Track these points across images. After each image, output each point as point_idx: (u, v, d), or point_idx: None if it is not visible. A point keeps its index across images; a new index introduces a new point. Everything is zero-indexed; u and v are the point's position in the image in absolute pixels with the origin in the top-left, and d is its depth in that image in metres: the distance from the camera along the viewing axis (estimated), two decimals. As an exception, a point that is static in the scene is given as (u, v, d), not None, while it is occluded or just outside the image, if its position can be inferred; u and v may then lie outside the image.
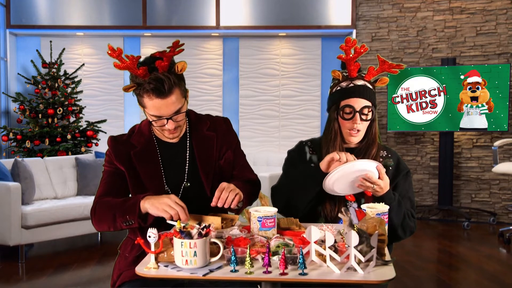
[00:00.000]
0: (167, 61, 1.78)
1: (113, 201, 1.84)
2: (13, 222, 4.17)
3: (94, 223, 1.88)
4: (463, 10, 6.04)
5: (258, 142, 6.83)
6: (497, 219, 5.85)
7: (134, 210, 1.74)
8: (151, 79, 1.76)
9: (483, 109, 5.66)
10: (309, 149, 2.15)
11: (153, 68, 1.78)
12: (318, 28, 6.46)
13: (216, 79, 6.85)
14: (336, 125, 2.06)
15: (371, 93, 2.04)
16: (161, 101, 1.78)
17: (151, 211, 1.71)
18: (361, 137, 2.06)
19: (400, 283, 3.70)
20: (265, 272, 1.41)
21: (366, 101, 2.02)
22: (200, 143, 1.97)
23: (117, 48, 1.77)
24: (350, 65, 2.03)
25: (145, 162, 1.92)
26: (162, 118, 1.83)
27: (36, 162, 4.88)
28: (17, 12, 6.43)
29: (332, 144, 2.06)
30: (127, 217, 1.75)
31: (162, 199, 1.70)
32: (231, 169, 2.03)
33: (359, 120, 2.01)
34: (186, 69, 1.83)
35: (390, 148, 2.17)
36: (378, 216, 1.65)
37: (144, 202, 1.73)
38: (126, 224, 1.77)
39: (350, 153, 2.03)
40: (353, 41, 1.99)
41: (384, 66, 2.03)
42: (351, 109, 2.01)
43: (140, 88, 1.79)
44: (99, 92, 6.80)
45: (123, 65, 1.78)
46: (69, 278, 3.90)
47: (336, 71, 2.09)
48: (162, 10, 6.55)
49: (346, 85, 2.04)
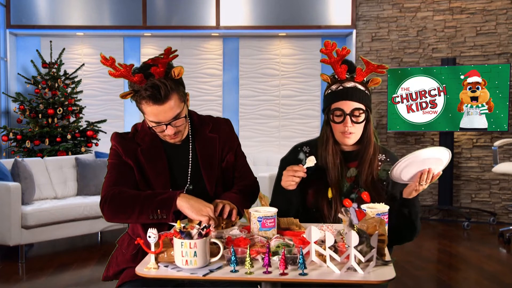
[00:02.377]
0: (163, 67, 1.77)
1: (137, 192, 1.81)
2: (13, 222, 4.17)
3: (106, 212, 1.82)
4: (463, 10, 6.04)
5: (258, 142, 6.83)
6: (497, 219, 5.85)
7: (170, 205, 1.72)
8: (148, 85, 1.75)
9: (483, 109, 5.66)
10: (304, 155, 2.12)
11: (149, 74, 1.77)
12: (318, 28, 6.46)
13: (216, 79, 6.85)
14: (328, 129, 2.05)
15: (362, 94, 2.00)
16: (159, 107, 1.78)
17: (188, 211, 1.71)
18: (355, 139, 2.03)
19: (400, 283, 3.70)
20: (265, 272, 1.41)
21: (357, 103, 1.98)
22: (203, 146, 1.98)
23: (110, 57, 1.77)
24: (337, 68, 2.00)
25: (152, 161, 1.92)
26: (161, 124, 1.82)
27: (36, 162, 4.88)
28: (17, 12, 6.43)
29: (324, 147, 2.05)
30: (159, 211, 1.73)
31: (205, 208, 1.72)
32: (232, 171, 2.04)
33: (349, 123, 1.98)
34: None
35: (388, 150, 2.15)
36: (378, 216, 1.65)
37: (182, 200, 1.72)
38: (156, 217, 1.74)
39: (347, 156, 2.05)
40: (332, 44, 1.96)
41: (370, 67, 1.99)
42: (341, 112, 1.98)
43: (137, 95, 1.78)
44: (99, 92, 6.80)
45: (118, 73, 1.78)
46: (69, 278, 3.90)
47: (324, 75, 2.08)
48: (162, 10, 6.54)
49: (335, 88, 2.02)
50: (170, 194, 1.76)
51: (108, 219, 1.85)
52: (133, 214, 1.77)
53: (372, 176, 2.03)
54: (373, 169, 2.04)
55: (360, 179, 2.04)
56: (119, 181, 1.87)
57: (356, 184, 2.04)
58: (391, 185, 2.05)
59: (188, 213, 1.71)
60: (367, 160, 2.03)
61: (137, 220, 1.79)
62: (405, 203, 1.95)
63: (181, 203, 1.72)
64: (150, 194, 1.79)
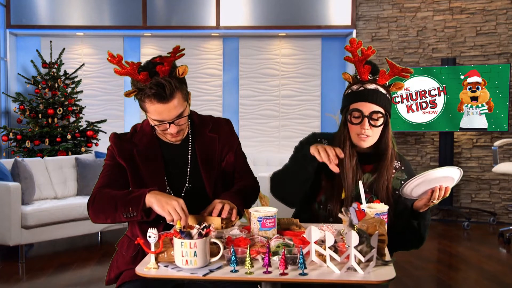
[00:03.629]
0: (168, 66, 1.78)
1: (116, 192, 1.80)
2: (13, 222, 4.17)
3: (91, 213, 1.83)
4: (463, 10, 6.04)
5: (258, 142, 6.83)
6: (497, 219, 5.85)
7: (138, 202, 1.70)
8: (152, 84, 1.75)
9: (483, 109, 5.66)
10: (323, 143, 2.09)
11: (154, 73, 1.78)
12: (318, 28, 6.46)
13: (216, 79, 6.85)
14: (345, 129, 2.01)
15: (382, 98, 1.96)
16: (163, 105, 1.78)
17: (155, 207, 1.68)
18: (371, 142, 1.99)
19: (400, 283, 3.70)
20: (265, 272, 1.41)
21: (376, 106, 1.94)
22: (202, 145, 1.97)
23: (117, 55, 1.77)
24: (360, 68, 1.96)
25: (148, 161, 1.91)
26: (164, 123, 1.82)
27: (36, 162, 4.88)
28: (17, 12, 6.43)
29: (342, 147, 1.98)
30: (130, 209, 1.71)
31: (170, 200, 1.67)
32: (232, 171, 2.03)
33: (367, 125, 1.94)
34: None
35: (403, 158, 2.12)
36: (377, 216, 1.65)
37: (151, 196, 1.70)
38: (127, 216, 1.73)
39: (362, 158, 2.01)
40: (358, 43, 1.91)
41: (394, 70, 1.95)
42: (359, 114, 1.95)
43: (141, 93, 1.78)
44: (99, 92, 6.80)
45: (124, 71, 1.78)
46: (69, 278, 3.90)
47: (346, 73, 2.04)
48: (162, 10, 6.54)
49: (356, 88, 1.98)
50: (140, 192, 1.73)
51: (92, 220, 1.85)
52: (110, 213, 1.76)
53: (387, 184, 2.01)
54: (389, 176, 2.02)
55: (374, 186, 2.01)
56: (108, 183, 1.87)
57: (369, 189, 2.02)
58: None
59: (155, 208, 1.68)
60: (384, 166, 2.00)
61: (114, 219, 1.77)
62: (415, 215, 1.92)
63: (150, 199, 1.69)
64: (125, 193, 1.78)
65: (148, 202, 1.70)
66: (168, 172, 1.93)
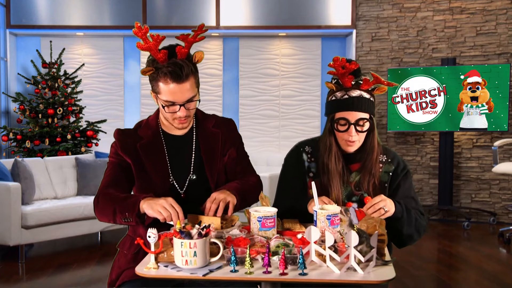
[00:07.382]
0: (188, 48, 1.82)
1: (116, 195, 1.84)
2: (13, 222, 4.17)
3: (96, 213, 1.90)
4: (463, 10, 6.04)
5: (258, 142, 6.83)
6: (497, 219, 5.85)
7: (133, 209, 1.75)
8: (170, 63, 1.80)
9: (483, 109, 5.66)
10: (307, 156, 2.12)
11: (172, 54, 1.82)
12: (318, 28, 6.46)
13: (216, 79, 6.85)
14: (331, 136, 2.03)
15: (367, 103, 1.97)
16: (177, 86, 1.80)
17: (147, 211, 1.72)
18: (358, 146, 2.03)
19: (400, 283, 3.70)
20: (265, 272, 1.41)
21: (362, 113, 1.96)
22: (205, 138, 2.00)
23: (144, 26, 1.80)
24: (343, 78, 1.98)
25: (151, 154, 1.94)
26: (175, 104, 1.84)
27: (36, 162, 4.88)
28: (17, 12, 6.43)
29: (327, 155, 2.03)
30: (126, 214, 1.76)
31: (158, 201, 1.71)
32: (234, 166, 2.04)
33: (354, 132, 1.97)
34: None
35: (389, 149, 2.14)
36: (328, 218, 1.67)
37: (143, 202, 1.73)
38: (125, 220, 1.79)
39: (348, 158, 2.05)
40: (341, 60, 1.94)
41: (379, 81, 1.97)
42: (345, 121, 1.97)
43: (158, 71, 1.81)
44: (99, 92, 6.80)
45: (146, 45, 1.81)
46: (69, 278, 3.90)
47: (328, 83, 2.06)
48: (162, 10, 6.55)
49: (340, 96, 1.99)
50: (135, 198, 1.78)
51: (99, 219, 1.92)
52: (111, 216, 1.83)
53: (374, 180, 2.04)
54: (375, 173, 2.04)
55: (362, 184, 2.03)
56: (112, 182, 1.91)
57: (357, 188, 2.04)
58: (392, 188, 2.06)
59: (147, 212, 1.72)
60: (369, 166, 2.03)
61: (115, 222, 1.84)
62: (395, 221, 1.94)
63: (142, 205, 1.74)
64: (122, 197, 1.82)
65: (141, 208, 1.74)
66: (172, 163, 1.95)
